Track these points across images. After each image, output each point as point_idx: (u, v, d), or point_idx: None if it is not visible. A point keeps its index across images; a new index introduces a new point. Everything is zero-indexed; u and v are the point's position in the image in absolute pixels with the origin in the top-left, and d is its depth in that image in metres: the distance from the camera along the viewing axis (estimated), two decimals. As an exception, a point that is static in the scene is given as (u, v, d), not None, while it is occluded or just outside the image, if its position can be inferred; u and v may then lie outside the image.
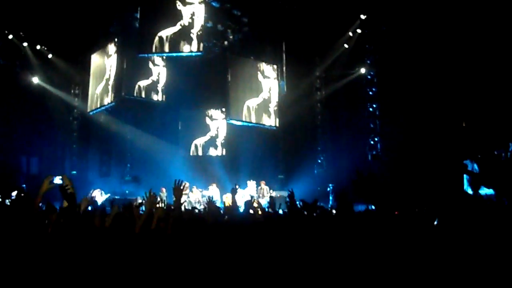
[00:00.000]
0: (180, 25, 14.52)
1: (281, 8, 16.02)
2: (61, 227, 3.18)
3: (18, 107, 15.88)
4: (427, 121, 14.43)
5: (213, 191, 15.49)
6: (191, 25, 14.47)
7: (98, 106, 15.83)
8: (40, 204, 3.70)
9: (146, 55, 15.16)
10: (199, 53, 14.54)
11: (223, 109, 16.68)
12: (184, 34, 14.40)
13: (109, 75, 15.72)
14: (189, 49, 14.37)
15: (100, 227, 3.67)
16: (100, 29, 16.35)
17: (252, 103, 15.85)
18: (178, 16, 14.53)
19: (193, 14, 14.56)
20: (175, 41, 14.43)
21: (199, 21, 14.48)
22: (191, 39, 14.36)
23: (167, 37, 14.46)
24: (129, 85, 15.60)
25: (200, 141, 17.52)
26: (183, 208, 6.78)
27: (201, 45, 14.35)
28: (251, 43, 16.26)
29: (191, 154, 17.43)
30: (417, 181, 12.91)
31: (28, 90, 16.24)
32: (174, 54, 14.89)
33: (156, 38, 14.44)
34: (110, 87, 15.54)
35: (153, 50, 14.53)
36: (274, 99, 16.17)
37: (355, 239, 2.80)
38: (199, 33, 14.34)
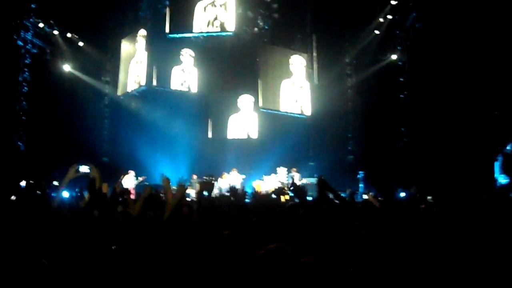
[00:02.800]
0: (210, 6, 14.58)
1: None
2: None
3: (49, 95, 16.04)
4: (458, 109, 14.28)
5: (235, 177, 15.55)
6: (221, 7, 14.51)
7: (129, 90, 15.97)
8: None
9: (176, 35, 15.17)
10: (229, 33, 14.56)
11: (253, 97, 16.68)
12: (213, 16, 14.46)
13: (140, 60, 15.82)
14: (219, 29, 14.43)
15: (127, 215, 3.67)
16: (130, 14, 16.42)
17: (283, 91, 15.84)
18: (208, 6, 14.61)
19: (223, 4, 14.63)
20: (205, 22, 14.51)
21: (230, 7, 14.51)
22: (221, 21, 14.41)
23: (197, 18, 14.54)
24: (159, 72, 15.71)
25: (231, 127, 17.59)
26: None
27: (232, 26, 14.36)
28: (281, 30, 16.19)
29: (223, 137, 17.48)
30: (448, 170, 12.84)
31: (59, 78, 16.40)
32: (205, 34, 14.93)
33: (186, 21, 14.55)
34: (140, 72, 15.66)
35: (183, 30, 14.66)
36: (306, 88, 16.12)
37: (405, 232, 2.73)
38: (229, 17, 14.36)
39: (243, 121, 17.44)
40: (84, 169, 5.36)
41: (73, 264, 2.21)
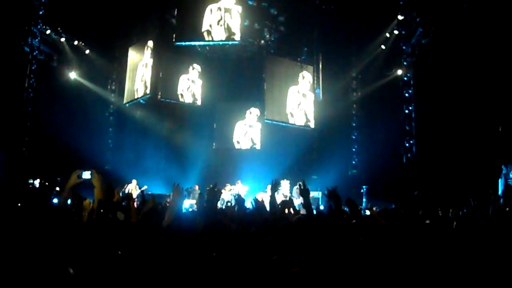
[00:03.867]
0: (217, 17, 14.66)
1: (318, 8, 15.96)
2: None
3: (55, 102, 16.09)
4: (463, 125, 14.27)
5: (239, 188, 15.55)
6: (227, 18, 14.59)
7: (134, 98, 16.01)
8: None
9: (183, 43, 15.21)
10: (235, 42, 14.61)
11: (258, 108, 16.72)
12: (220, 26, 14.54)
13: (146, 68, 15.89)
14: (225, 32, 14.51)
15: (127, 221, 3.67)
16: (137, 22, 16.51)
17: (288, 103, 15.87)
18: (214, 9, 14.69)
19: (228, 10, 14.69)
20: (211, 31, 14.59)
21: (235, 15, 14.59)
22: (227, 30, 14.48)
23: (204, 27, 14.62)
24: (166, 81, 15.78)
25: (236, 136, 17.61)
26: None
27: (237, 34, 14.42)
28: (287, 43, 16.26)
29: (225, 147, 17.53)
30: (452, 185, 12.81)
31: (65, 85, 16.46)
32: (211, 43, 14.99)
33: (193, 29, 14.63)
34: (146, 81, 15.72)
35: (190, 38, 14.73)
36: (310, 100, 16.15)
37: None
38: (235, 24, 14.43)
39: (248, 132, 17.47)
40: (86, 175, 5.34)
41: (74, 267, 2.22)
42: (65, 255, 2.34)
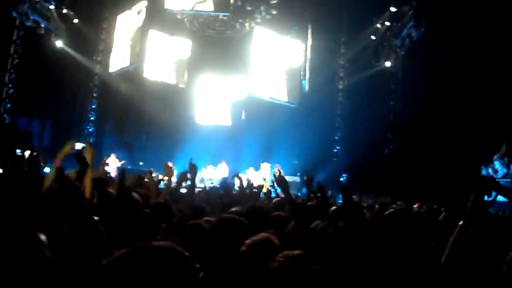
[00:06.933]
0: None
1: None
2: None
3: (39, 69, 15.89)
4: (446, 123, 14.34)
5: (223, 169, 15.56)
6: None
7: (121, 67, 15.85)
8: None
9: (173, 9, 15.04)
10: (226, 14, 14.48)
11: (241, 81, 16.69)
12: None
13: (134, 37, 15.69)
14: (218, 9, 14.39)
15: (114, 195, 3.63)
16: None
17: (273, 77, 15.75)
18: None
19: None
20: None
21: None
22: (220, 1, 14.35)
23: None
24: (151, 62, 15.69)
25: (217, 111, 17.63)
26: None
27: (229, 5, 14.28)
28: (278, 26, 16.12)
29: (204, 123, 17.54)
30: (431, 180, 12.89)
31: (51, 54, 16.22)
32: (202, 12, 14.84)
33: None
34: (133, 50, 15.54)
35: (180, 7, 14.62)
36: (296, 76, 16.01)
37: None
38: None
39: (229, 107, 17.50)
40: (79, 146, 5.34)
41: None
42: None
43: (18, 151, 12.76)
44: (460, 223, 2.16)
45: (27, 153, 14.09)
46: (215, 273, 2.16)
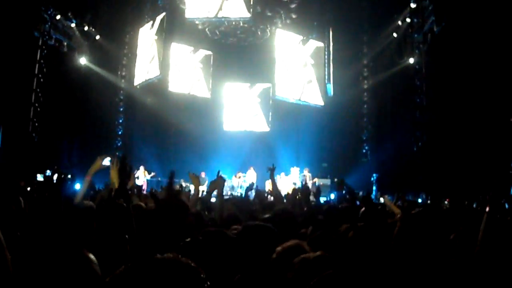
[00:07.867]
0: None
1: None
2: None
3: (64, 88, 16.03)
4: (475, 116, 14.18)
5: (251, 175, 15.59)
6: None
7: (145, 79, 15.98)
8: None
9: (194, 18, 15.11)
10: (247, 18, 14.51)
11: (269, 86, 16.74)
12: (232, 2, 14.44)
13: (156, 48, 15.78)
14: (238, 14, 14.42)
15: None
16: (147, 7, 16.41)
17: (298, 79, 15.74)
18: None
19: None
20: (223, 7, 14.51)
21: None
22: (240, 6, 14.37)
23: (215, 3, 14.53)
24: (174, 75, 15.84)
25: (245, 118, 17.68)
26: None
27: (250, 10, 14.30)
28: (298, 30, 16.11)
29: (232, 129, 17.59)
30: (462, 176, 12.78)
31: (75, 71, 16.39)
32: (222, 19, 14.89)
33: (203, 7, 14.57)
34: (156, 61, 15.63)
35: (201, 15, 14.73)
36: (320, 77, 15.98)
37: None
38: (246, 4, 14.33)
39: (258, 114, 17.52)
40: (106, 162, 5.38)
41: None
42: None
43: (47, 172, 12.89)
44: (487, 209, 2.17)
45: (55, 177, 14.17)
46: (241, 281, 2.18)
